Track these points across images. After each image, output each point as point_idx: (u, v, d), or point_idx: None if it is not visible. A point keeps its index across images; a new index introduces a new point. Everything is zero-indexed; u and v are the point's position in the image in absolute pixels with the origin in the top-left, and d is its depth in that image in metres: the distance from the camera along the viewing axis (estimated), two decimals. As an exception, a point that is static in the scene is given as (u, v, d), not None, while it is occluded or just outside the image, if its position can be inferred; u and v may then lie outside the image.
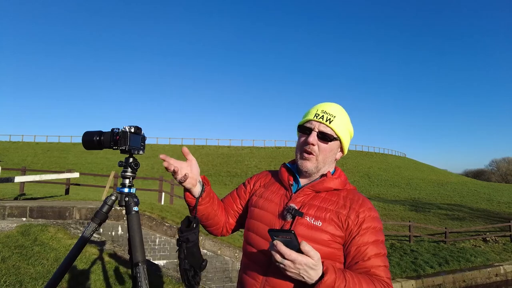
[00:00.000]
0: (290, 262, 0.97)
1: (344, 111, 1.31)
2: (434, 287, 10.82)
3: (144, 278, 1.23)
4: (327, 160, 1.27)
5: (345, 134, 1.29)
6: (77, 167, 36.74)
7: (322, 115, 1.24)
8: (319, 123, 1.24)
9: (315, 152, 1.24)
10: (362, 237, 1.14)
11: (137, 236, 1.30)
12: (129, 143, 1.33)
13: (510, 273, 12.51)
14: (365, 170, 46.95)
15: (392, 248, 13.88)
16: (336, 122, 1.24)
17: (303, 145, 1.26)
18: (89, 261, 5.11)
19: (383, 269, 1.12)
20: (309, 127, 1.26)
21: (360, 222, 1.16)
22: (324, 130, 1.24)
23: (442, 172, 59.75)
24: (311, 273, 0.98)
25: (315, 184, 1.26)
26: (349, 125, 1.32)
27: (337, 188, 1.26)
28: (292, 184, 1.30)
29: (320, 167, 1.27)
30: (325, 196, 1.24)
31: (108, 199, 1.40)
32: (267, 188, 1.36)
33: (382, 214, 21.15)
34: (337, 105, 1.31)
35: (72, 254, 1.31)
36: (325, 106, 1.28)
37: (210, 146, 58.32)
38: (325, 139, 1.24)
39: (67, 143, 55.61)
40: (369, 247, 1.13)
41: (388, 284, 1.10)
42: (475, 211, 24.27)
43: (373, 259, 1.12)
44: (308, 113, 1.30)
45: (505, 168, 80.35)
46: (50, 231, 6.12)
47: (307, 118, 1.28)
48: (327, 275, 0.99)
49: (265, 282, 1.16)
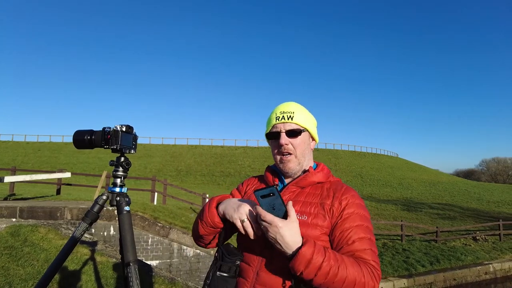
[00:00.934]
0: (267, 223, 0.99)
1: (299, 105, 1.37)
2: (425, 285, 10.93)
3: (135, 278, 1.22)
4: (305, 152, 1.32)
5: (309, 123, 1.35)
6: (69, 167, 36.29)
7: (282, 116, 1.30)
8: (283, 123, 1.29)
9: (292, 150, 1.28)
10: (345, 221, 1.15)
11: (129, 236, 1.29)
12: (120, 142, 1.32)
13: (499, 271, 12.71)
14: (357, 170, 47.25)
15: (385, 247, 14.00)
16: (296, 116, 1.30)
17: (278, 148, 1.30)
18: (81, 261, 5.06)
19: (369, 252, 1.11)
20: (276, 131, 1.30)
21: (343, 207, 1.18)
22: (290, 127, 1.29)
23: (434, 172, 60.42)
24: (287, 239, 0.99)
25: (299, 180, 1.29)
26: (309, 115, 1.37)
27: (321, 181, 1.30)
28: (277, 185, 1.33)
29: (302, 162, 1.31)
30: (309, 191, 1.27)
31: (99, 199, 1.38)
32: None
33: (375, 213, 21.30)
34: (291, 102, 1.37)
35: (63, 254, 1.30)
36: (281, 107, 1.34)
37: (204, 146, 58.11)
38: (294, 135, 1.29)
39: (58, 143, 54.93)
40: (352, 230, 1.13)
41: (375, 268, 1.08)
42: (465, 210, 24.60)
43: (357, 242, 1.11)
44: (270, 119, 1.35)
45: (494, 168, 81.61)
46: (41, 232, 6.04)
47: (271, 124, 1.33)
48: (304, 246, 0.99)
49: (255, 281, 1.17)
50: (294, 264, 0.99)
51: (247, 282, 1.19)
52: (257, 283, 1.17)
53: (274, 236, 1.00)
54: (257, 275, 1.17)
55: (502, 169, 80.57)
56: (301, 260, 0.98)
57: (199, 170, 43.21)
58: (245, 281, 1.20)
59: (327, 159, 52.99)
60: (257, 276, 1.17)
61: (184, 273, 8.60)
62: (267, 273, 1.16)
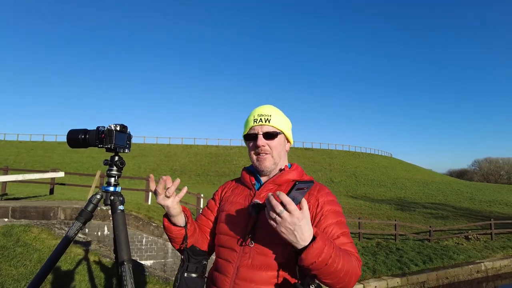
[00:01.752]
0: (288, 214, 0.98)
1: (276, 108, 1.44)
2: (418, 284, 11.03)
3: (129, 277, 1.22)
4: (281, 153, 1.39)
5: (285, 126, 1.41)
6: (62, 166, 35.99)
7: (260, 118, 1.36)
8: (260, 126, 1.36)
9: (268, 151, 1.35)
10: (326, 218, 1.23)
11: (123, 235, 1.29)
12: (114, 141, 1.33)
13: (490, 269, 12.86)
14: (352, 170, 47.50)
15: (378, 246, 14.09)
16: (273, 119, 1.37)
17: (255, 149, 1.37)
18: (74, 261, 5.03)
19: (351, 245, 1.20)
20: (254, 133, 1.36)
21: (321, 205, 1.25)
22: (267, 129, 1.35)
23: (427, 172, 60.99)
24: (305, 231, 1.00)
25: (275, 178, 1.36)
26: (285, 119, 1.44)
27: (295, 179, 1.36)
28: (254, 184, 1.39)
29: (277, 162, 1.38)
30: (285, 188, 1.32)
31: (93, 198, 1.38)
32: (232, 192, 1.46)
33: (369, 213, 21.43)
34: (268, 105, 1.44)
35: (56, 254, 1.30)
36: (259, 110, 1.40)
37: (199, 146, 57.96)
38: (271, 137, 1.36)
39: (51, 142, 54.41)
40: (334, 227, 1.21)
41: (358, 259, 1.18)
42: (458, 209, 24.86)
43: (341, 237, 1.20)
44: (248, 121, 1.41)
45: (486, 168, 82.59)
46: (34, 232, 6.00)
47: (249, 126, 1.39)
48: (318, 238, 1.02)
49: (235, 277, 1.21)
50: (307, 255, 1.00)
51: (228, 278, 1.23)
52: (237, 278, 1.20)
53: (291, 227, 0.99)
54: (237, 271, 1.21)
55: (494, 169, 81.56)
56: (315, 250, 1.00)
57: (194, 169, 43.09)
58: (225, 277, 1.24)
59: (322, 159, 53.21)
60: (237, 271, 1.21)
61: (179, 273, 8.57)
62: (248, 269, 1.19)
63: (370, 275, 10.80)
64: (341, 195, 32.23)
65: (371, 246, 14.05)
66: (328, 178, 42.28)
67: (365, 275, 10.72)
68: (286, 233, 1.00)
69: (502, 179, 78.56)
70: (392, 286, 10.51)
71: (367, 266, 11.45)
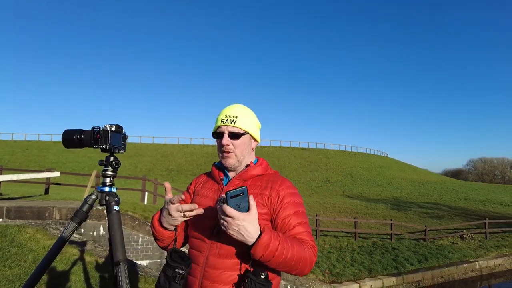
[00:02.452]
0: (231, 218, 1.12)
1: (245, 108, 1.52)
2: (414, 283, 11.10)
3: (124, 277, 1.22)
4: (245, 152, 1.48)
5: (251, 126, 1.49)
6: (58, 166, 35.75)
7: (226, 119, 1.45)
8: (226, 126, 1.45)
9: (232, 150, 1.44)
10: (285, 210, 1.34)
11: (118, 236, 1.29)
12: (110, 141, 1.33)
13: (484, 268, 12.98)
14: (348, 170, 47.64)
15: (374, 246, 14.15)
16: (239, 121, 1.45)
17: (220, 147, 1.46)
18: (69, 262, 5.00)
19: (306, 234, 1.32)
20: (221, 132, 1.45)
21: (281, 198, 1.36)
22: (232, 130, 1.44)
23: (423, 172, 61.32)
24: (249, 230, 1.13)
25: (241, 174, 1.46)
26: (252, 118, 1.52)
27: (260, 174, 1.47)
28: (222, 179, 1.49)
29: (241, 160, 1.47)
30: (251, 183, 1.44)
31: (88, 198, 1.38)
32: (203, 186, 1.56)
33: (365, 212, 21.53)
34: (237, 106, 1.51)
35: (51, 255, 1.29)
36: (227, 111, 1.48)
37: (195, 145, 57.85)
38: (236, 137, 1.44)
39: (47, 142, 54.04)
40: (292, 218, 1.32)
41: (313, 246, 1.29)
42: (453, 209, 25.04)
43: (297, 227, 1.31)
44: (217, 120, 1.50)
45: (481, 167, 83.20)
46: (28, 232, 5.96)
47: (217, 125, 1.48)
48: (264, 233, 1.15)
49: (205, 265, 1.31)
50: (255, 249, 1.14)
51: (198, 267, 1.33)
52: (207, 266, 1.31)
53: (237, 228, 1.12)
54: (207, 259, 1.32)
55: (488, 169, 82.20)
56: (261, 245, 1.13)
57: (190, 169, 42.98)
58: (196, 266, 1.34)
59: (318, 158, 53.32)
60: (207, 260, 1.31)
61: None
62: (216, 257, 1.30)
63: (366, 274, 10.86)
64: (337, 194, 32.34)
65: (367, 246, 14.11)
66: (324, 177, 42.38)
67: (361, 275, 10.77)
68: (234, 234, 1.14)
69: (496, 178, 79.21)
70: (388, 285, 10.57)
71: (363, 266, 11.50)
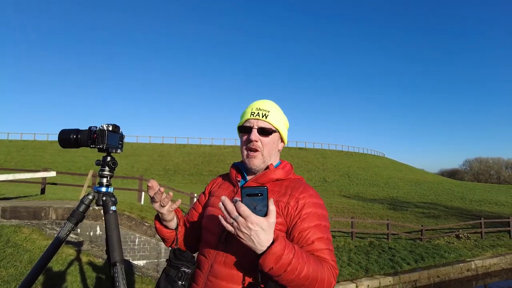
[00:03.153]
0: (243, 219, 0.95)
1: (276, 105, 1.39)
2: (410, 283, 11.14)
3: (122, 278, 1.22)
4: (272, 152, 1.33)
5: (282, 125, 1.36)
6: (54, 166, 35.54)
7: (258, 112, 1.30)
8: (257, 120, 1.30)
9: (260, 148, 1.29)
10: (304, 222, 1.16)
11: (115, 236, 1.29)
12: (106, 141, 1.32)
13: (480, 267, 13.05)
14: (345, 170, 47.76)
15: (371, 246, 14.20)
16: (271, 116, 1.31)
17: (247, 143, 1.31)
18: (66, 262, 4.97)
19: (328, 252, 1.13)
20: (249, 126, 1.31)
21: (300, 207, 1.19)
22: (263, 125, 1.30)
23: (419, 172, 61.61)
24: (261, 237, 0.96)
25: (258, 177, 1.31)
26: (283, 117, 1.39)
27: (280, 178, 1.31)
28: (239, 181, 1.35)
29: (267, 161, 1.32)
30: (269, 188, 1.22)
31: (85, 198, 1.38)
32: (219, 187, 1.43)
33: (362, 212, 21.58)
34: (268, 101, 1.38)
35: (47, 255, 1.28)
36: (258, 104, 1.34)
37: (192, 145, 57.73)
38: (265, 134, 1.30)
39: (43, 141, 53.71)
40: (311, 231, 1.14)
41: (333, 267, 1.10)
42: (449, 209, 25.16)
43: (316, 242, 1.13)
44: (245, 113, 1.36)
45: (477, 167, 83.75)
46: (24, 232, 5.92)
47: (245, 118, 1.34)
48: (276, 242, 0.97)
49: (209, 273, 1.20)
50: (265, 259, 0.97)
51: (202, 274, 1.23)
52: (210, 274, 1.19)
53: (247, 232, 0.95)
54: (211, 267, 1.20)
55: (484, 169, 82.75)
56: (272, 256, 0.96)
57: (187, 169, 42.89)
58: (200, 272, 1.24)
59: (315, 158, 53.41)
60: (211, 268, 1.20)
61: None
62: (221, 266, 1.18)
63: (363, 274, 10.89)
64: (334, 194, 32.40)
65: (364, 245, 14.15)
66: (321, 177, 42.45)
67: (358, 274, 10.80)
68: (243, 238, 0.97)
69: (492, 178, 79.75)
70: (385, 285, 10.60)
71: (359, 265, 11.53)
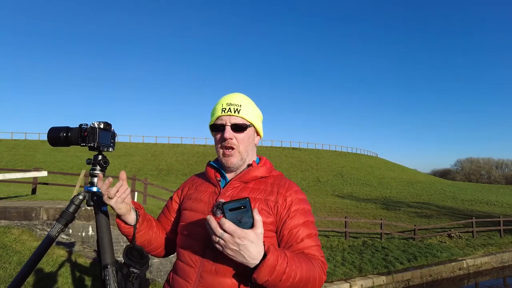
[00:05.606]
0: (229, 235, 0.91)
1: (247, 97, 1.32)
2: (403, 282, 11.21)
3: (113, 281, 1.18)
4: (249, 148, 1.28)
5: (256, 118, 1.31)
6: (46, 166, 35.08)
7: (229, 108, 1.23)
8: (229, 116, 1.24)
9: (235, 145, 1.24)
10: (293, 219, 1.15)
11: (106, 237, 1.25)
12: (98, 139, 1.28)
13: (472, 266, 13.20)
14: (338, 169, 47.98)
15: (364, 245, 14.26)
16: (244, 110, 1.25)
17: (221, 142, 1.25)
18: (57, 263, 4.90)
19: (316, 248, 1.13)
20: (221, 123, 1.25)
21: (289, 205, 1.17)
22: (236, 121, 1.24)
23: (412, 172, 62.16)
24: (251, 250, 0.92)
25: (242, 175, 1.25)
26: (256, 110, 1.33)
27: (264, 175, 1.27)
28: (220, 180, 1.29)
29: (245, 158, 1.27)
30: (253, 186, 1.23)
31: (75, 199, 1.33)
32: (196, 189, 1.34)
33: (355, 212, 21.68)
34: (238, 93, 1.31)
35: (35, 257, 1.24)
36: (228, 99, 1.27)
37: (185, 145, 57.45)
38: (240, 130, 1.24)
39: (34, 140, 52.98)
40: (300, 229, 1.14)
41: (323, 262, 1.11)
42: (441, 208, 25.42)
43: (305, 240, 1.12)
44: (215, 110, 1.28)
45: (468, 167, 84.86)
46: (14, 233, 5.81)
47: (216, 115, 1.26)
48: (269, 254, 0.93)
49: (198, 283, 1.12)
50: (259, 273, 0.93)
51: (190, 285, 1.14)
52: (201, 285, 1.12)
53: (236, 248, 0.91)
54: (200, 277, 1.12)
55: (475, 169, 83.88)
56: (266, 269, 0.92)
57: (181, 169, 42.65)
58: (187, 283, 1.15)
59: (309, 158, 53.56)
60: (201, 278, 1.12)
61: (165, 274, 8.48)
62: (212, 275, 1.11)
63: (357, 273, 10.92)
64: (328, 194, 32.51)
65: (357, 245, 14.21)
66: (315, 177, 42.58)
67: (351, 274, 10.83)
68: (233, 255, 0.93)
69: (482, 178, 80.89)
70: (378, 284, 10.65)
71: (353, 265, 11.57)
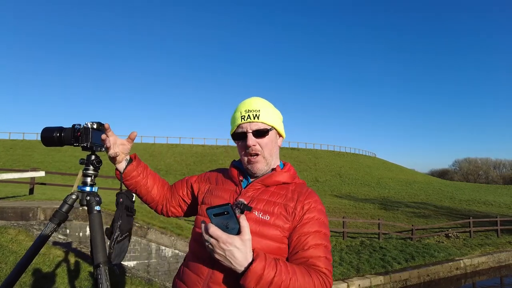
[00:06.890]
0: (215, 240, 0.93)
1: (264, 100, 1.31)
2: (400, 282, 11.24)
3: (105, 280, 1.19)
4: (273, 151, 1.28)
5: (276, 120, 1.30)
6: (43, 166, 34.99)
7: (248, 115, 1.23)
8: (249, 123, 1.23)
9: (259, 151, 1.24)
10: (304, 226, 1.13)
11: (99, 237, 1.26)
12: (91, 139, 1.29)
13: (469, 266, 13.24)
14: (336, 170, 48.05)
15: (362, 245, 14.29)
16: (263, 114, 1.24)
17: (245, 150, 1.25)
18: (53, 263, 4.89)
19: (323, 260, 1.09)
20: (243, 131, 1.24)
21: (304, 212, 1.16)
22: (256, 127, 1.23)
23: (410, 172, 62.32)
24: (237, 256, 0.93)
25: (265, 178, 1.25)
26: (275, 111, 1.32)
27: (286, 181, 1.26)
28: (242, 180, 1.29)
29: (270, 162, 1.27)
30: (274, 190, 1.23)
31: (68, 198, 1.34)
32: (217, 185, 1.35)
33: (353, 212, 21.72)
34: (255, 98, 1.30)
35: (27, 257, 1.25)
36: (246, 105, 1.26)
37: (184, 145, 57.41)
38: (262, 135, 1.24)
39: (32, 141, 52.84)
40: (310, 237, 1.11)
41: (326, 275, 1.06)
42: (439, 208, 25.49)
43: (312, 249, 1.09)
44: (234, 118, 1.29)
45: (466, 168, 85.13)
46: (10, 233, 5.79)
47: (236, 124, 1.27)
48: (255, 261, 0.94)
49: (209, 279, 1.11)
50: (245, 281, 0.94)
51: (200, 279, 1.13)
52: (211, 281, 1.11)
53: (222, 253, 0.94)
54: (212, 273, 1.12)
55: (473, 169, 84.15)
56: (252, 276, 0.93)
57: (179, 169, 42.62)
58: (198, 277, 1.14)
59: (307, 158, 53.62)
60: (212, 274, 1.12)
61: (163, 274, 8.48)
62: (219, 286, 1.09)
63: (354, 273, 10.95)
64: (326, 194, 32.55)
65: (355, 245, 14.24)
66: (313, 177, 42.63)
67: (349, 274, 10.86)
68: (221, 259, 0.96)
69: (480, 178, 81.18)
70: (376, 284, 10.67)
71: (351, 265, 11.60)
